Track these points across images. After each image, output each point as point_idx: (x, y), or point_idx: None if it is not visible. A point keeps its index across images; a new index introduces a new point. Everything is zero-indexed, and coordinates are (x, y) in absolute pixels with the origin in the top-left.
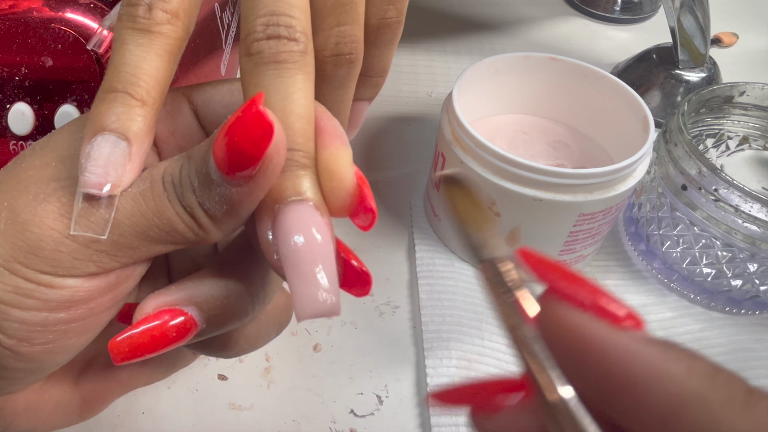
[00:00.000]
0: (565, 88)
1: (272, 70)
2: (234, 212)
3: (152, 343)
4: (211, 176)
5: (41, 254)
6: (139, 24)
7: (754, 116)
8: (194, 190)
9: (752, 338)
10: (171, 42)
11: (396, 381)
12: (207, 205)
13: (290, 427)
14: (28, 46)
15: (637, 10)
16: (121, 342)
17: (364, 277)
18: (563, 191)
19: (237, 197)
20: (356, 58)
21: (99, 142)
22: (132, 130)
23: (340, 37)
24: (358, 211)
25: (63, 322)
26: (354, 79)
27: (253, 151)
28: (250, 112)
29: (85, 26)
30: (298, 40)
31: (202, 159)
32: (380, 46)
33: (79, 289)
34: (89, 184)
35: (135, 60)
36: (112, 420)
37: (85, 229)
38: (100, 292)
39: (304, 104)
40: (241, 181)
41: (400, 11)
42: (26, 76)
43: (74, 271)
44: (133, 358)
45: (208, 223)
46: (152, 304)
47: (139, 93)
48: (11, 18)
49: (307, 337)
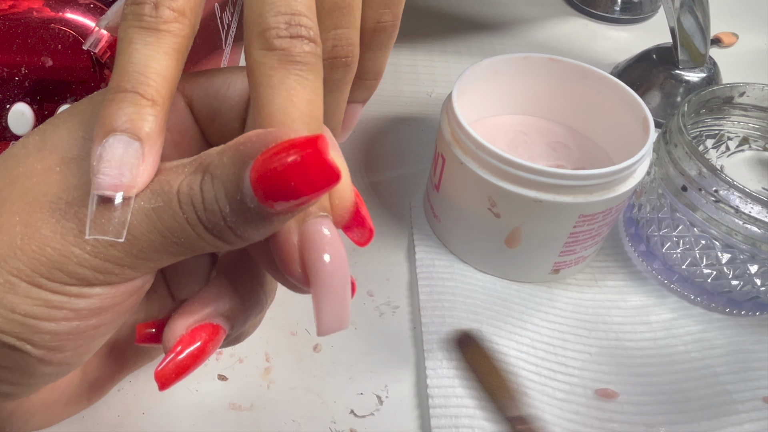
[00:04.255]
0: (564, 88)
1: (298, 71)
2: (268, 233)
3: (193, 360)
4: (247, 204)
5: (65, 269)
6: (146, 23)
7: (754, 117)
8: (224, 217)
9: (752, 339)
10: (179, 40)
11: (396, 381)
12: (240, 230)
13: (290, 427)
14: (28, 46)
15: (637, 10)
16: (167, 370)
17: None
18: (563, 192)
19: (278, 224)
20: (352, 61)
21: (111, 143)
22: (144, 130)
23: (337, 40)
24: (353, 225)
25: (93, 328)
26: (349, 83)
27: (308, 192)
28: (316, 160)
29: (85, 26)
30: (316, 42)
31: (234, 184)
32: (375, 49)
33: (107, 295)
34: (103, 186)
35: (143, 59)
36: (112, 420)
37: (101, 232)
38: (128, 296)
39: (321, 109)
40: (286, 210)
41: (396, 15)
42: (26, 76)
43: (97, 282)
44: (179, 379)
45: (237, 241)
46: (183, 325)
47: (149, 92)
48: (11, 18)
49: (307, 337)
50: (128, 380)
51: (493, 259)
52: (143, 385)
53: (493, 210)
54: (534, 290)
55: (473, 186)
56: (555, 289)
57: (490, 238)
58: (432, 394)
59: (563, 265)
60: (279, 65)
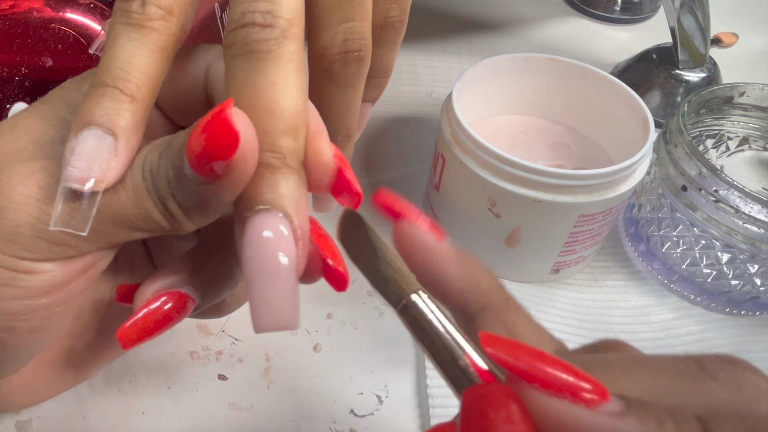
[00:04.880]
0: (564, 88)
1: (242, 63)
2: (203, 207)
3: (156, 325)
4: (184, 171)
5: (20, 241)
6: (132, 19)
7: (754, 117)
8: (168, 182)
9: (752, 339)
10: (164, 38)
11: (396, 381)
12: (179, 197)
13: (290, 427)
14: (28, 46)
15: (637, 10)
16: (129, 329)
17: (340, 278)
18: (563, 192)
19: (206, 194)
20: (365, 55)
21: (84, 137)
22: (119, 125)
23: (348, 33)
24: (341, 190)
25: (45, 308)
26: (363, 78)
27: (221, 155)
28: (218, 119)
29: (85, 26)
30: (273, 25)
31: (179, 151)
32: (383, 45)
33: (57, 273)
34: (72, 179)
35: (126, 55)
36: (111, 420)
37: (65, 225)
38: (78, 274)
39: (278, 97)
40: (210, 179)
41: (404, 10)
42: (26, 76)
43: (52, 255)
44: (141, 341)
45: (180, 214)
46: (150, 290)
47: (128, 88)
48: (11, 18)
49: (307, 337)
50: (128, 380)
51: (493, 259)
52: (143, 385)
53: (493, 210)
54: (534, 290)
55: (473, 186)
56: (555, 289)
57: (490, 238)
58: (432, 394)
59: (563, 265)
60: (230, 62)
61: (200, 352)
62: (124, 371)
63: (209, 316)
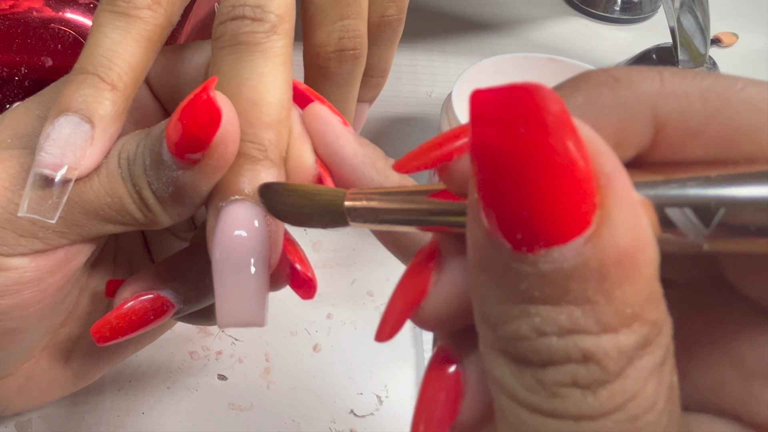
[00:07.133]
0: None
1: (230, 55)
2: (180, 197)
3: (131, 325)
4: (162, 156)
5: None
6: (117, 7)
7: None
8: (145, 169)
9: None
10: (150, 28)
11: (396, 381)
12: (155, 185)
13: (290, 427)
14: (28, 46)
15: (637, 10)
16: (102, 326)
17: (307, 283)
18: None
19: (182, 181)
20: (360, 53)
21: (61, 123)
22: (98, 113)
23: (344, 31)
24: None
25: (18, 308)
26: (358, 77)
27: (201, 135)
28: (200, 97)
29: (85, 26)
30: (264, 20)
31: (158, 138)
32: (381, 44)
33: (26, 269)
34: (43, 164)
35: (110, 43)
36: (112, 420)
37: (34, 211)
38: (49, 271)
39: (263, 89)
40: (188, 164)
41: (401, 9)
42: (26, 76)
43: (20, 248)
44: (114, 339)
45: (156, 204)
46: (130, 290)
47: (109, 76)
48: (11, 18)
49: (307, 337)
50: (128, 380)
51: None
52: (143, 385)
53: None
54: None
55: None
56: None
57: None
58: None
59: None
60: (217, 53)
61: (200, 352)
62: (124, 371)
63: (198, 323)
